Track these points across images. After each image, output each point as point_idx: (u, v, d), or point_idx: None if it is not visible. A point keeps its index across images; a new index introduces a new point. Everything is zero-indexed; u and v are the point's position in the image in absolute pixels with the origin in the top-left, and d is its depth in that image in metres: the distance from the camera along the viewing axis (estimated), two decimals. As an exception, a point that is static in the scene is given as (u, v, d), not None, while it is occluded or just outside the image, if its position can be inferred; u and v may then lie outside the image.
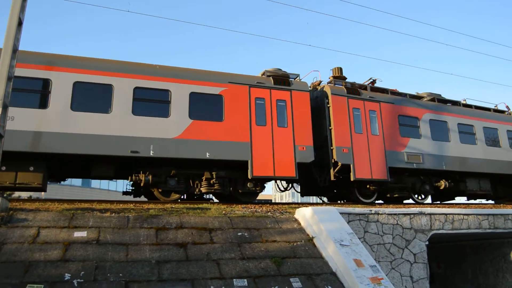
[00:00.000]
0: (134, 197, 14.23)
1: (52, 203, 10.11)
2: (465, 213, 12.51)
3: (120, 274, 6.79)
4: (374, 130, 15.97)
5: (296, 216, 10.28)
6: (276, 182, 15.59)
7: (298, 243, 8.98)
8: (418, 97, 18.93)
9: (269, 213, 10.48)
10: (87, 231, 7.91)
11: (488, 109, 20.58)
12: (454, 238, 14.27)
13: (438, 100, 19.01)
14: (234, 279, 7.29)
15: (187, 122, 13.06)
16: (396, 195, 16.53)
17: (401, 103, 17.24)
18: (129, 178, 12.78)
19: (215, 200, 15.36)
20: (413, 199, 17.10)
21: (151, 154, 12.28)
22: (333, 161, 14.89)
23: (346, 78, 17.49)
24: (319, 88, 16.54)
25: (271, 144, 13.88)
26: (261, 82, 14.50)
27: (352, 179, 14.85)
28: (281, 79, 14.90)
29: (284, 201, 74.92)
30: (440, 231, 11.84)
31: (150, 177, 12.58)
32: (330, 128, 15.24)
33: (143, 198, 14.11)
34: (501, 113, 20.92)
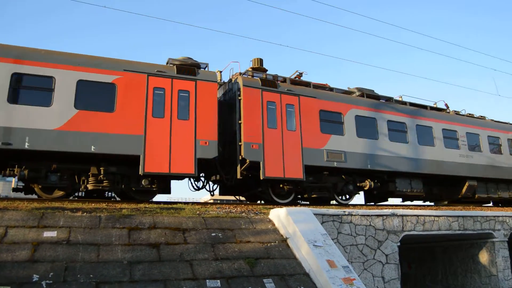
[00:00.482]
0: (25, 194, 12.96)
1: (21, 202, 9.86)
2: (436, 215, 12.74)
3: (91, 275, 6.67)
4: (291, 125, 14.95)
5: (270, 216, 10.29)
6: (190, 180, 14.98)
7: (272, 243, 9.00)
8: (348, 92, 18.11)
9: (243, 214, 10.47)
10: (57, 231, 7.74)
11: (425, 107, 19.81)
12: (425, 239, 14.52)
13: (368, 96, 18.04)
14: (207, 280, 7.25)
15: (71, 112, 11.96)
16: (315, 196, 15.47)
17: (324, 97, 16.15)
18: (2, 172, 11.83)
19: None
20: (336, 200, 16.24)
21: (26, 146, 11.24)
22: (240, 157, 13.78)
23: (266, 70, 16.35)
24: (233, 79, 15.52)
25: (169, 138, 12.83)
26: (162, 71, 13.38)
27: (261, 177, 13.75)
28: (186, 69, 13.80)
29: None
30: (412, 232, 12.02)
31: (26, 172, 11.52)
32: (239, 122, 14.13)
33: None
34: (439, 111, 20.31)
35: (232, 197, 18.16)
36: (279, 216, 9.87)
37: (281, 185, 14.62)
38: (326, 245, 8.74)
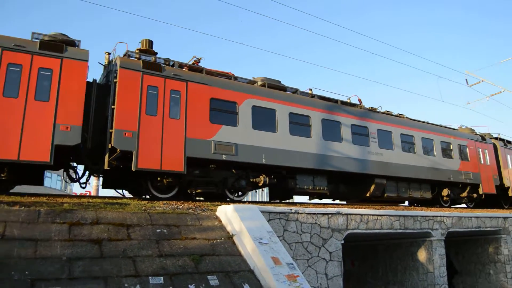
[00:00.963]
0: None
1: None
2: (379, 214, 13.15)
3: (26, 272, 6.39)
4: (174, 113, 13.60)
5: (217, 213, 10.26)
6: (65, 171, 13.63)
7: (218, 240, 8.98)
8: (252, 82, 16.77)
9: (190, 210, 10.37)
10: (-9, 225, 7.38)
11: (335, 101, 18.67)
12: (368, 238, 14.95)
13: (270, 86, 16.70)
14: (150, 277, 7.13)
15: None
16: (200, 191, 14.23)
17: (216, 84, 14.77)
18: None
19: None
20: (227, 196, 14.94)
21: None
22: (110, 146, 12.39)
23: (156, 53, 14.94)
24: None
25: (21, 123, 11.32)
26: (21, 45, 11.81)
27: (133, 168, 12.42)
28: (52, 45, 12.32)
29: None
30: (355, 231, 12.36)
31: None
32: (112, 107, 12.70)
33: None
34: (351, 106, 19.27)
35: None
36: (226, 213, 9.86)
37: (159, 178, 13.27)
38: (271, 242, 8.82)
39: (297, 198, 19.60)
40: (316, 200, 18.90)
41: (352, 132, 18.01)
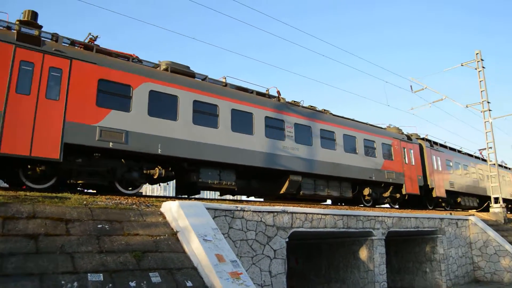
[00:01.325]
0: None
1: None
2: (323, 213, 13.39)
3: (-47, 268, 6.02)
4: (53, 93, 11.95)
5: (162, 209, 10.09)
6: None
7: (162, 237, 8.83)
8: (156, 66, 15.45)
9: (134, 206, 10.14)
10: None
11: (249, 91, 17.67)
12: (313, 236, 15.19)
13: (174, 71, 15.24)
14: (88, 274, 6.91)
15: None
16: (81, 182, 12.75)
17: (108, 64, 13.22)
18: None
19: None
20: (118, 189, 13.39)
21: None
22: None
23: (41, 27, 13.20)
24: None
25: None
26: None
27: None
28: None
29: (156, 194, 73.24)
30: (300, 229, 12.52)
31: None
32: None
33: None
34: (267, 98, 18.24)
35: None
36: (171, 209, 9.72)
37: (29, 166, 11.68)
38: (216, 240, 8.78)
39: (245, 196, 19.13)
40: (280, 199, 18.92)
41: (266, 125, 16.93)
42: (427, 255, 19.23)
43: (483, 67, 27.69)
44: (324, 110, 20.94)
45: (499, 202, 27.03)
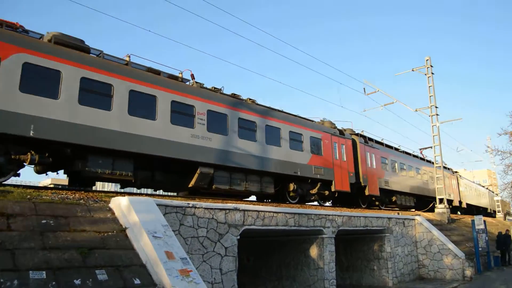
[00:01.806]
0: None
1: None
2: (275, 211, 13.47)
3: None
4: None
5: (111, 205, 9.81)
6: None
7: (110, 233, 8.59)
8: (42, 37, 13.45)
9: (81, 201, 9.80)
10: None
11: (154, 71, 15.74)
12: (265, 234, 15.27)
13: (61, 43, 13.23)
14: (30, 271, 6.61)
15: None
16: None
17: None
18: None
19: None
20: None
21: None
22: None
23: None
24: None
25: None
26: None
27: None
28: None
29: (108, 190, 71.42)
30: (252, 227, 12.53)
31: None
32: None
33: None
34: (174, 79, 16.28)
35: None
36: (120, 205, 9.47)
37: None
38: (166, 237, 8.63)
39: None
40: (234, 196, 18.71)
41: (172, 110, 15.10)
42: (375, 253, 19.76)
43: (432, 73, 28.73)
44: (249, 99, 19.44)
45: (444, 203, 28.18)
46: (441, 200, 28.32)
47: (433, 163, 36.55)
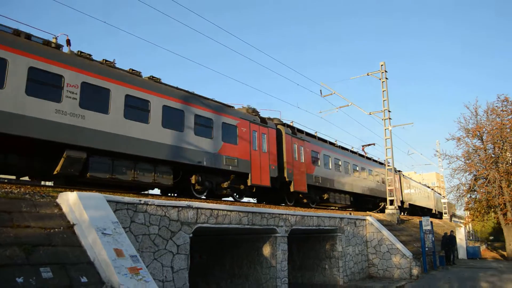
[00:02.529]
0: None
1: None
2: (228, 209, 13.41)
3: None
4: None
5: (58, 200, 9.44)
6: None
7: (56, 230, 8.26)
8: None
9: (27, 196, 9.38)
10: None
11: (16, 33, 12.62)
12: (218, 232, 15.17)
13: None
14: (-33, 269, 6.27)
15: None
16: None
17: None
18: None
19: None
20: None
21: None
22: None
23: None
24: None
25: None
26: None
27: None
28: None
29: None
30: (205, 225, 12.43)
31: None
32: None
33: None
34: (34, 43, 12.86)
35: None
36: (69, 200, 9.13)
37: None
38: (115, 234, 8.40)
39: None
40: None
41: (28, 78, 12.16)
42: (327, 252, 20.09)
43: (386, 78, 29.53)
44: (132, 69, 16.05)
45: (394, 204, 29.01)
46: (391, 202, 29.16)
47: (374, 160, 37.35)
